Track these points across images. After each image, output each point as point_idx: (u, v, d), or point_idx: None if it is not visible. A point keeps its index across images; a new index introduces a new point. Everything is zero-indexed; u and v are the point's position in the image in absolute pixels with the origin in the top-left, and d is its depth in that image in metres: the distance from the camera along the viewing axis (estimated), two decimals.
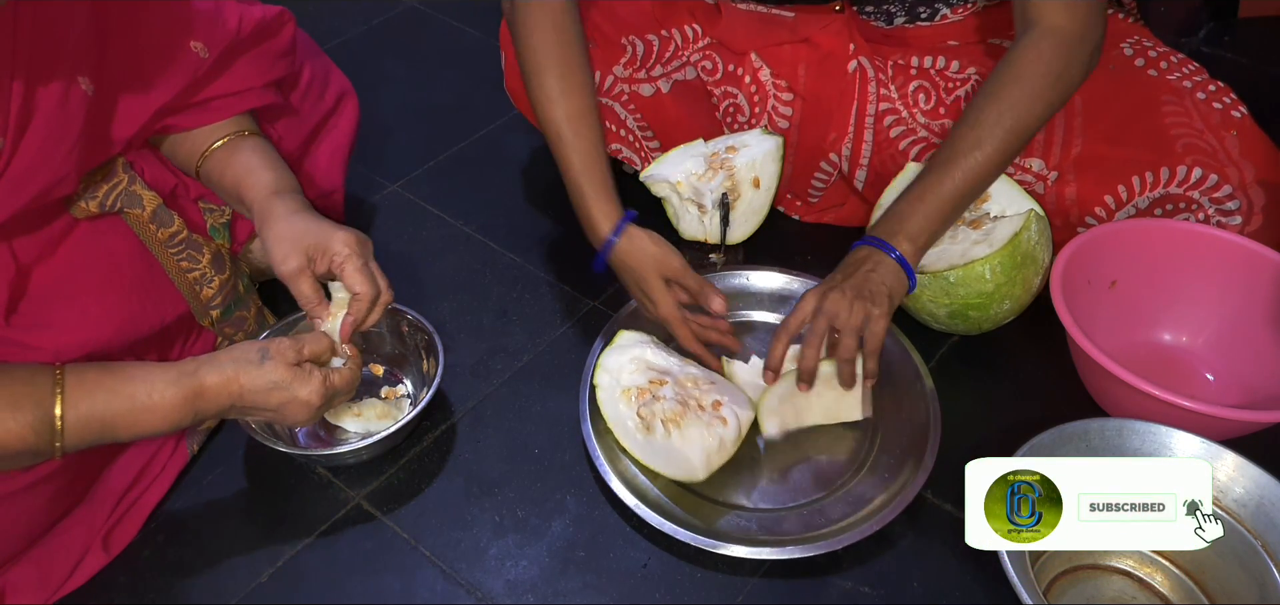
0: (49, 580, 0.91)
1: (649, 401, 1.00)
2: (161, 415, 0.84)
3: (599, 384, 1.03)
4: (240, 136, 1.04)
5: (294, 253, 0.95)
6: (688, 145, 1.24)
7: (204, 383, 0.86)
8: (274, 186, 1.01)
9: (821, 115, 1.23)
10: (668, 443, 0.98)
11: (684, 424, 0.98)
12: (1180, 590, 0.90)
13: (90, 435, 0.82)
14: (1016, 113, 0.99)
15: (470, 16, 1.82)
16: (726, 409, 0.99)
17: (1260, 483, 0.86)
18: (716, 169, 1.21)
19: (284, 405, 0.89)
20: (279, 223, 0.97)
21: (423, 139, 1.52)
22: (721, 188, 1.19)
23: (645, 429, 0.99)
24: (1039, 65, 0.99)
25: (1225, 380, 1.08)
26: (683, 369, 1.04)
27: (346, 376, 0.94)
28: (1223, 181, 1.06)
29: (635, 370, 1.03)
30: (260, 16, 1.05)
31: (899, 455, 1.00)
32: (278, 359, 0.88)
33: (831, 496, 0.98)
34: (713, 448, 0.97)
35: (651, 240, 1.05)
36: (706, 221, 1.20)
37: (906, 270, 1.01)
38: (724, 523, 0.96)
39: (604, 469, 0.98)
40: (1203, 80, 1.13)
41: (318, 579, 0.95)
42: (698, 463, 0.97)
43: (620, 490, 0.96)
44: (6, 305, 0.88)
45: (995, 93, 1.00)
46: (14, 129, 0.83)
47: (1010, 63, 1.01)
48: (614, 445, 1.00)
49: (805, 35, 1.23)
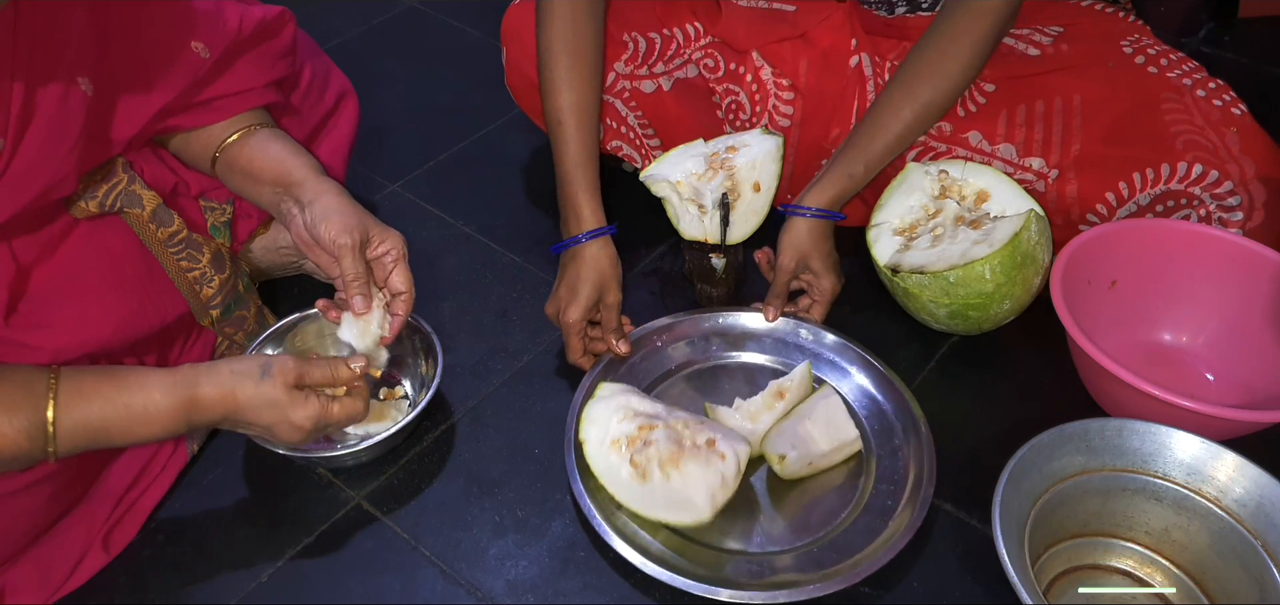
0: (49, 580, 0.91)
1: (641, 448, 0.95)
2: (156, 423, 0.84)
3: (586, 439, 0.98)
4: (257, 127, 1.04)
5: (356, 227, 0.95)
6: (688, 145, 1.23)
7: (199, 394, 0.86)
8: (318, 167, 1.01)
9: (823, 112, 1.24)
10: (667, 486, 0.93)
11: (682, 464, 0.93)
12: (1180, 590, 0.90)
13: (84, 441, 0.82)
14: (939, 85, 1.10)
15: (470, 16, 1.82)
16: (722, 445, 0.95)
17: (1260, 483, 0.86)
18: (716, 169, 1.21)
19: (275, 425, 0.89)
20: (334, 197, 0.97)
21: (423, 139, 1.52)
22: (721, 188, 1.19)
23: (641, 477, 0.94)
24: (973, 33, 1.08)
25: (1225, 380, 1.08)
26: (671, 413, 1.00)
27: (347, 409, 0.93)
28: (1224, 178, 1.06)
29: (623, 418, 0.98)
30: (261, 16, 1.05)
31: (897, 486, 0.99)
32: (278, 378, 0.88)
33: (835, 533, 0.96)
34: (716, 485, 0.93)
35: (611, 262, 1.09)
36: (706, 221, 1.20)
37: (824, 215, 1.12)
38: (729, 568, 0.92)
39: (603, 529, 0.94)
40: (1202, 78, 1.13)
41: (318, 579, 0.95)
42: (702, 502, 0.92)
43: (631, 554, 0.92)
44: (6, 305, 0.88)
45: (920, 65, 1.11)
46: (14, 130, 0.83)
47: (943, 32, 1.10)
48: (609, 502, 0.96)
49: (806, 29, 1.23)
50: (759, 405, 1.04)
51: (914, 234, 1.12)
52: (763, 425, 1.02)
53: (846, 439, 1.01)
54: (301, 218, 0.97)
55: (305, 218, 0.97)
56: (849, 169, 1.12)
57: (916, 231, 1.12)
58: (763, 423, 1.02)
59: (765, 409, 1.03)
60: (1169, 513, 0.90)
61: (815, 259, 1.12)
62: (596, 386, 1.03)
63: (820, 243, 1.12)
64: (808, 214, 1.11)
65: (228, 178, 1.04)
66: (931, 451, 0.99)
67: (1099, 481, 0.90)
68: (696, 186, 1.19)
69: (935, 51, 1.10)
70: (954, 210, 1.11)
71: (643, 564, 0.91)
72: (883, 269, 1.11)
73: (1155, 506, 0.90)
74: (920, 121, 1.12)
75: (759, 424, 1.02)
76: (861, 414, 1.07)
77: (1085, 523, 0.91)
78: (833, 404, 1.03)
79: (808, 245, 1.12)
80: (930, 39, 1.11)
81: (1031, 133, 1.15)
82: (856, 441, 1.01)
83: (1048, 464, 0.89)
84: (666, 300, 1.22)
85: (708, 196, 1.19)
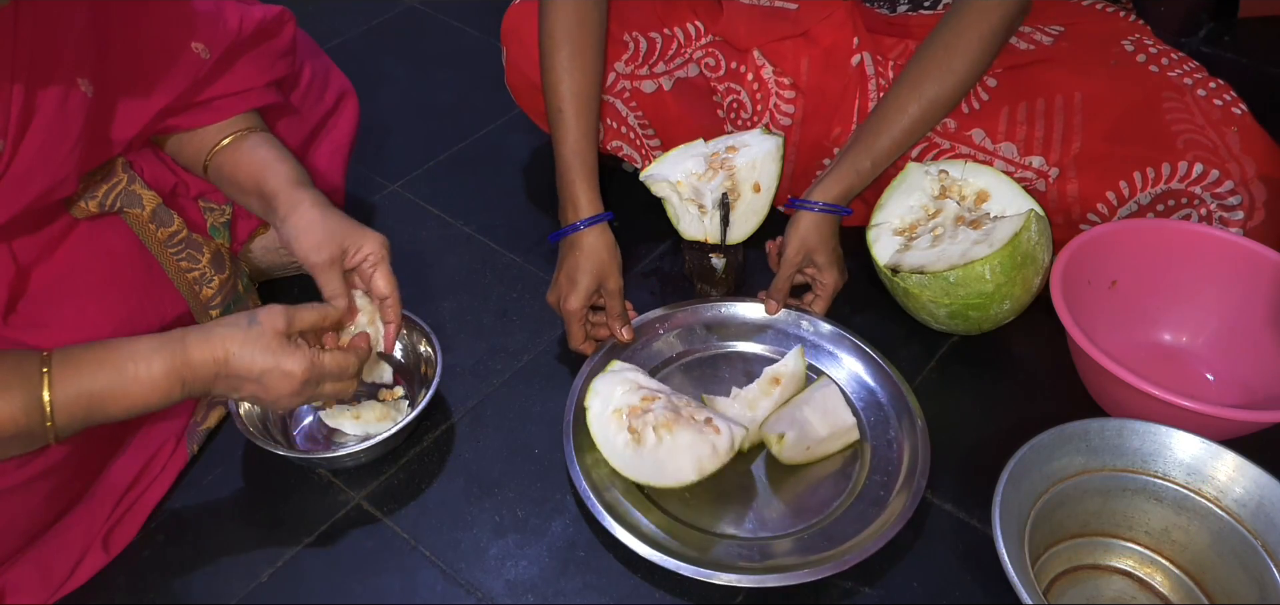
0: (49, 580, 0.91)
1: (641, 415, 0.98)
2: (150, 386, 0.82)
3: (589, 407, 1.00)
4: (248, 132, 1.04)
5: (327, 243, 0.95)
6: (688, 145, 1.23)
7: (190, 353, 0.84)
8: (296, 178, 1.00)
9: (825, 111, 1.24)
10: (658, 449, 0.96)
11: (676, 429, 0.96)
12: (1180, 590, 0.90)
13: (81, 412, 0.81)
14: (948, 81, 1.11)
15: (470, 16, 1.82)
16: (719, 422, 0.97)
17: (1260, 483, 0.86)
18: (716, 169, 1.21)
19: (267, 374, 0.86)
20: (308, 211, 0.97)
21: (423, 139, 1.52)
22: (721, 188, 1.19)
23: (636, 441, 0.97)
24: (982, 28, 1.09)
25: (1225, 380, 1.08)
26: (675, 395, 1.02)
27: (339, 361, 0.91)
28: (1224, 177, 1.06)
29: (627, 390, 1.01)
30: (261, 17, 1.05)
31: (890, 477, 0.99)
32: (266, 325, 0.87)
33: (827, 520, 0.97)
34: (705, 454, 0.95)
35: (609, 248, 1.10)
36: (706, 221, 1.20)
37: (832, 210, 1.12)
38: (720, 550, 0.94)
39: (595, 507, 0.95)
40: (1202, 77, 1.13)
41: (318, 579, 0.95)
42: (688, 466, 0.95)
43: (615, 528, 0.94)
44: (5, 305, 0.89)
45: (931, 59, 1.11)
46: (14, 131, 0.83)
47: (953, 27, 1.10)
48: (604, 479, 0.98)
49: (808, 27, 1.23)
50: (756, 392, 1.05)
51: (914, 234, 1.12)
52: (761, 412, 1.03)
53: (844, 425, 1.02)
54: (281, 232, 0.97)
55: (283, 233, 0.97)
56: (856, 164, 1.13)
57: (916, 231, 1.12)
58: (761, 409, 1.03)
59: (763, 396, 1.04)
60: (1169, 513, 0.90)
61: (820, 253, 1.13)
62: (608, 362, 1.06)
63: (826, 237, 1.13)
64: (815, 208, 1.12)
65: (219, 184, 1.05)
66: (926, 443, 1.00)
67: (1099, 481, 0.90)
68: (696, 186, 1.19)
69: (942, 48, 1.10)
70: (954, 210, 1.11)
71: (632, 542, 0.92)
72: (883, 269, 1.11)
73: (1155, 506, 0.90)
74: (927, 117, 1.12)
75: (758, 411, 1.03)
76: (858, 405, 1.07)
77: (1085, 523, 0.91)
78: (830, 393, 1.04)
79: (814, 239, 1.12)
80: (937, 35, 1.11)
81: (1032, 130, 1.15)
82: (854, 429, 1.02)
83: (1048, 464, 0.89)
84: (666, 300, 1.22)
85: (708, 196, 1.19)
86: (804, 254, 1.13)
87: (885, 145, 1.12)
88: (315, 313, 0.92)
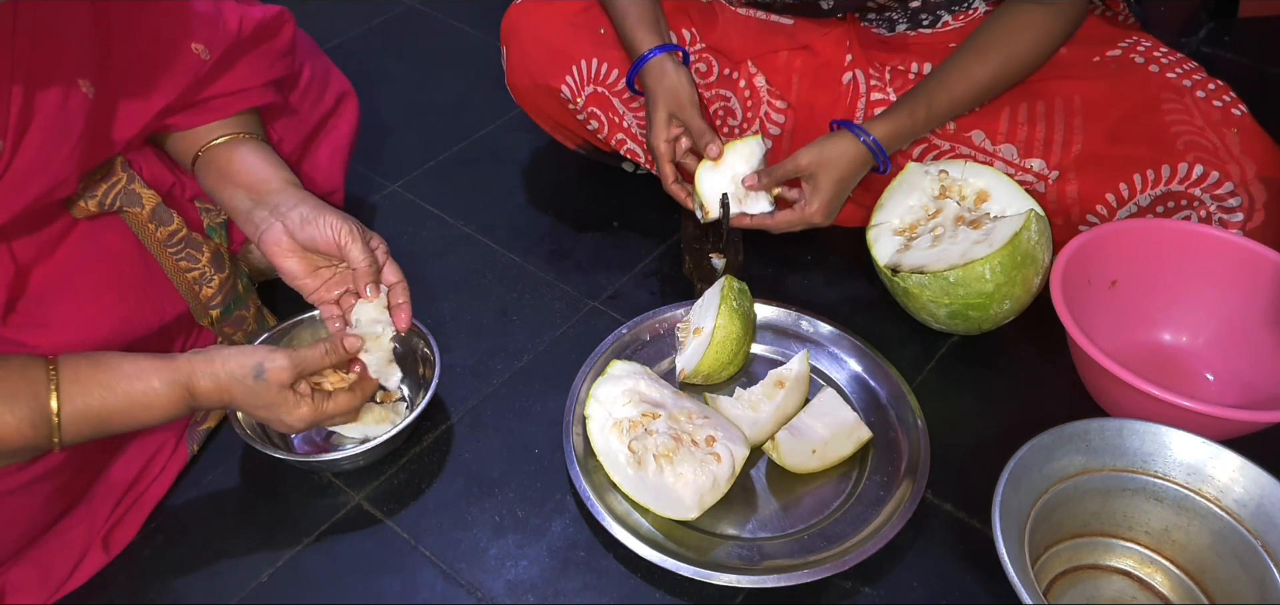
0: (49, 580, 0.91)
1: (640, 435, 0.97)
2: (157, 410, 0.86)
3: (590, 416, 1.01)
4: (245, 137, 1.04)
5: (348, 218, 0.97)
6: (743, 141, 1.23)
7: (196, 387, 0.87)
8: (296, 182, 1.01)
9: (814, 125, 1.23)
10: (660, 479, 0.95)
11: (676, 460, 0.95)
12: (1180, 590, 0.90)
13: (87, 429, 0.83)
14: (1003, 65, 1.10)
15: (470, 16, 1.82)
16: (720, 445, 0.96)
17: (1260, 483, 0.86)
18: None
19: (270, 421, 0.94)
20: (316, 202, 0.98)
21: (423, 139, 1.52)
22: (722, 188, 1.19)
23: (637, 463, 0.96)
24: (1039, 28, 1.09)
25: (1225, 380, 1.08)
26: (676, 402, 1.02)
27: (341, 405, 0.95)
28: (1224, 178, 1.06)
29: (628, 402, 1.00)
30: (260, 17, 1.05)
31: (890, 477, 0.99)
32: (272, 381, 0.90)
33: (827, 521, 0.97)
34: (706, 486, 0.94)
35: (675, 75, 1.13)
36: (715, 207, 1.20)
37: (872, 145, 1.12)
38: (720, 552, 0.94)
39: (595, 507, 0.95)
40: (1202, 78, 1.13)
41: (318, 579, 0.95)
42: (689, 500, 0.94)
43: (615, 528, 0.94)
44: (5, 305, 0.88)
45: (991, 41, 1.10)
46: (14, 132, 0.83)
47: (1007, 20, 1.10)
48: (604, 481, 0.98)
49: (804, 42, 1.23)
50: (759, 394, 1.05)
51: (914, 234, 1.12)
52: (763, 414, 1.02)
53: (848, 425, 1.01)
54: (281, 224, 0.97)
55: (288, 222, 0.96)
56: (911, 111, 1.12)
57: (916, 231, 1.12)
58: (763, 412, 1.03)
59: (766, 398, 1.04)
60: (1169, 513, 0.90)
61: (825, 177, 1.12)
62: (608, 365, 1.06)
63: (840, 171, 1.13)
64: (858, 134, 1.11)
65: (204, 176, 1.03)
66: (926, 444, 1.00)
67: (1099, 481, 0.90)
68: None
69: (1008, 28, 1.10)
70: (954, 210, 1.11)
71: (632, 543, 0.92)
72: (883, 269, 1.11)
73: (1155, 506, 0.90)
74: (985, 90, 1.12)
75: (760, 413, 1.03)
76: (858, 405, 1.07)
77: (1085, 523, 0.91)
78: (827, 396, 1.04)
79: (831, 158, 1.12)
80: (1004, 14, 1.11)
81: (1033, 131, 1.15)
82: (863, 427, 1.02)
83: (1048, 464, 0.89)
84: (667, 301, 1.22)
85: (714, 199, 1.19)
86: (816, 165, 1.12)
87: (943, 104, 1.12)
88: (322, 355, 0.94)
